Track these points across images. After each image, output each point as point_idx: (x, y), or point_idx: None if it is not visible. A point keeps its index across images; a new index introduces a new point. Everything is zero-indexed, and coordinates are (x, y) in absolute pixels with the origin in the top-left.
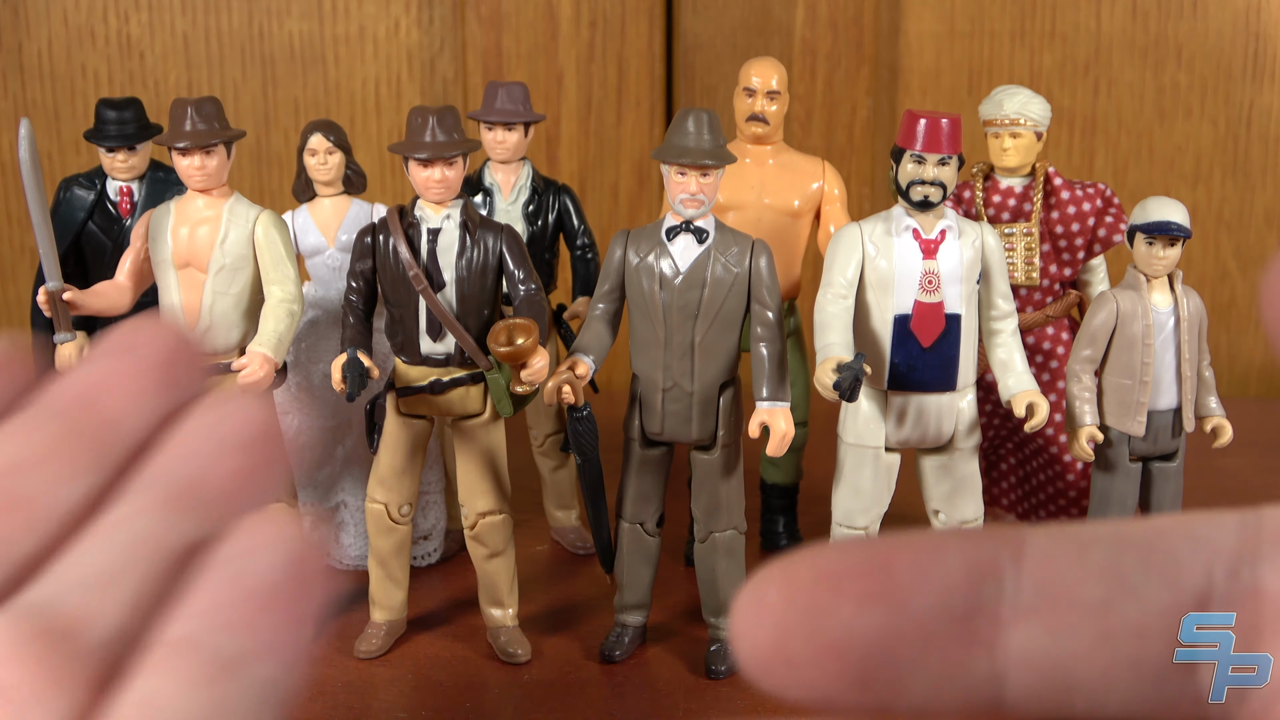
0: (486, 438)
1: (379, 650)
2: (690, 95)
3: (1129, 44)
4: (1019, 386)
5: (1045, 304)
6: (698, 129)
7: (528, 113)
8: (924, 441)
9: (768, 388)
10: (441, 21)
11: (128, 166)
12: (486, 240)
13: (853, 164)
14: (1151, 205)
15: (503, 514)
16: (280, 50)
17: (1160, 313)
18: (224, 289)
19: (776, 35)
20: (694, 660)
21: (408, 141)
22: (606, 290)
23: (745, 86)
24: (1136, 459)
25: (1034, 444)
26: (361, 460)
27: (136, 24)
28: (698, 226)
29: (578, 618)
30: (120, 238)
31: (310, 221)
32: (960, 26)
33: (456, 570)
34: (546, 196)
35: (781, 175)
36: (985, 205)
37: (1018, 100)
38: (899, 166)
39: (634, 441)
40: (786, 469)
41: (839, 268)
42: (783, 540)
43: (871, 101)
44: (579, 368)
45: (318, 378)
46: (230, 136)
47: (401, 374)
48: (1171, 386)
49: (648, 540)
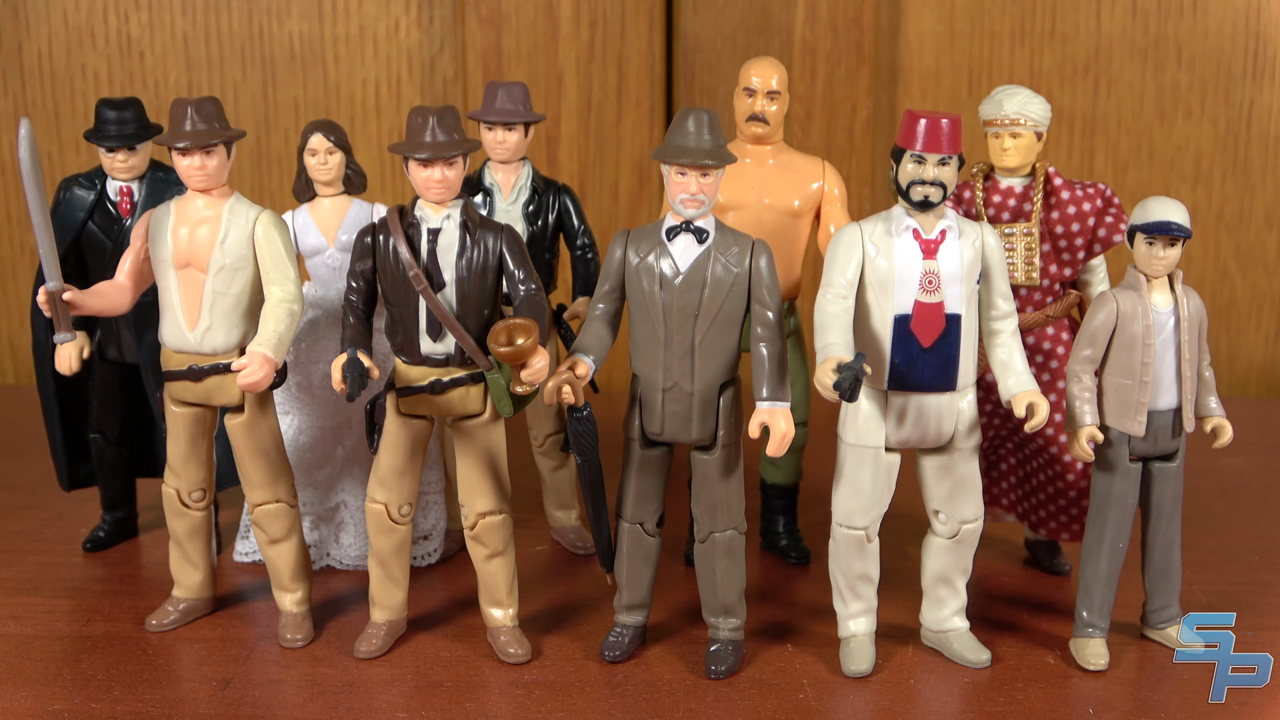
0: (486, 438)
1: (379, 650)
2: (690, 95)
3: (1129, 44)
4: (1019, 387)
5: (1045, 304)
6: (698, 129)
7: (528, 113)
8: (924, 441)
9: (768, 388)
10: (441, 21)
11: (128, 166)
12: (486, 240)
13: (853, 164)
14: (1151, 205)
15: (503, 514)
16: (280, 50)
17: (1160, 313)
18: (224, 289)
19: (776, 35)
20: (694, 660)
21: (408, 141)
22: (606, 290)
23: (745, 86)
24: (1136, 459)
25: (1034, 444)
26: (361, 460)
27: (136, 24)
28: (698, 226)
29: (578, 618)
30: (120, 238)
31: (310, 221)
32: (960, 26)
33: (456, 570)
34: (546, 196)
35: (781, 175)
36: (985, 205)
37: (1018, 100)
38: (899, 166)
39: (634, 441)
40: (786, 469)
41: (839, 268)
42: (783, 540)
43: (871, 101)
44: (579, 368)
45: (318, 378)
46: (230, 136)
47: (401, 374)
48: (1172, 387)
49: (648, 540)
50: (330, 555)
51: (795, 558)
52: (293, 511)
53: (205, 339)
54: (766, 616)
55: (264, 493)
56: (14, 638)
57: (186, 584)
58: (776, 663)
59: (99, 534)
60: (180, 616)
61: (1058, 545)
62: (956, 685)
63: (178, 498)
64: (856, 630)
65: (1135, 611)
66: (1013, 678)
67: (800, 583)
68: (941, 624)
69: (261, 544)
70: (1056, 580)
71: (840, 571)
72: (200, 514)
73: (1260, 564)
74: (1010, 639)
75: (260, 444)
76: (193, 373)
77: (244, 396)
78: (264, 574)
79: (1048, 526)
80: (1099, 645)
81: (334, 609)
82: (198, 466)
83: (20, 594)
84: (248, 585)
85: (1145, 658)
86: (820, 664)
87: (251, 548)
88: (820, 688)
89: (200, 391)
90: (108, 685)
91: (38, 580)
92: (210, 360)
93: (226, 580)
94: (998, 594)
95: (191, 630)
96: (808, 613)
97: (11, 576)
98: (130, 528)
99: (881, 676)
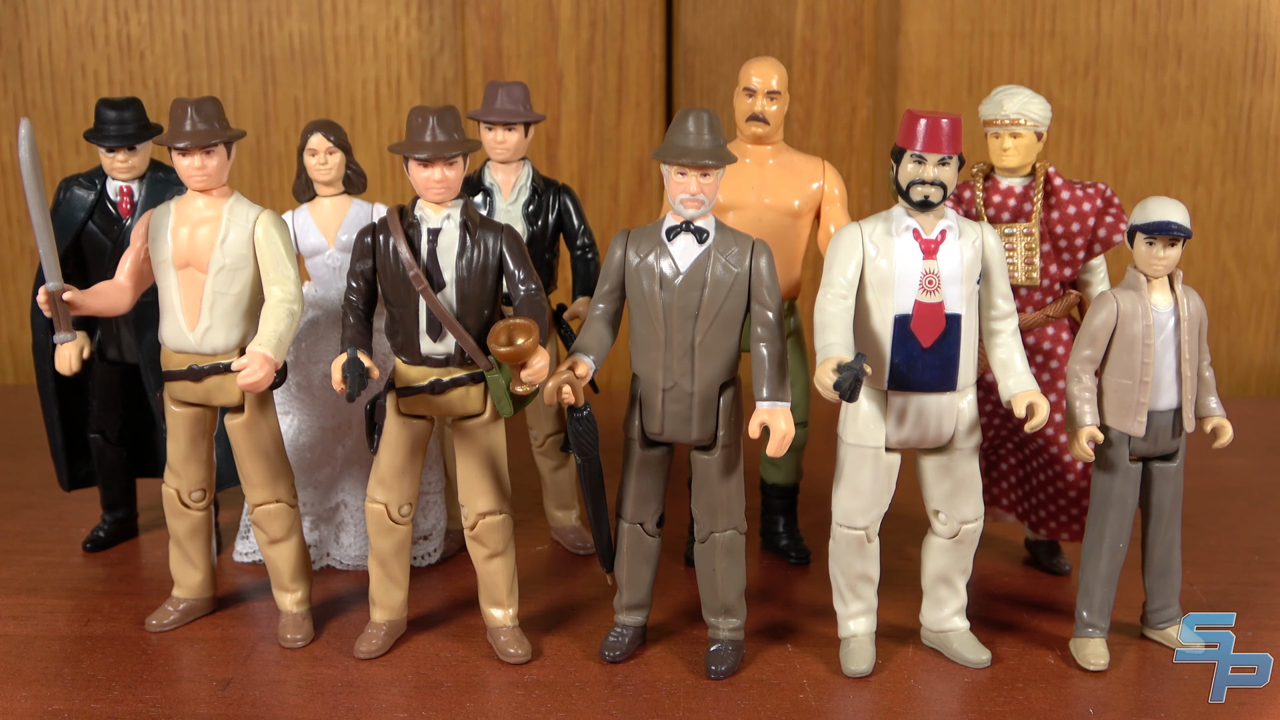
0: (486, 438)
1: (379, 650)
2: (690, 95)
3: (1129, 44)
4: (1019, 387)
5: (1045, 304)
6: (698, 129)
7: (528, 113)
8: (924, 441)
9: (768, 388)
10: (441, 21)
11: (128, 166)
12: (486, 240)
13: (853, 164)
14: (1151, 205)
15: (503, 514)
16: (280, 50)
17: (1160, 313)
18: (224, 289)
19: (776, 35)
20: (694, 660)
21: (408, 141)
22: (607, 290)
23: (745, 86)
24: (1136, 459)
25: (1034, 444)
26: (361, 460)
27: (136, 24)
28: (698, 226)
29: (578, 618)
30: (120, 238)
31: (310, 221)
32: (960, 26)
33: (456, 570)
34: (546, 196)
35: (781, 175)
36: (985, 205)
37: (1018, 100)
38: (899, 166)
39: (634, 442)
40: (786, 469)
41: (839, 268)
42: (783, 540)
43: (871, 101)
44: (579, 368)
45: (318, 378)
46: (230, 136)
47: (401, 374)
48: (1172, 387)
49: (648, 540)
50: (330, 555)
51: (795, 558)
52: (293, 511)
53: (205, 339)
54: (766, 616)
55: (264, 493)
56: (14, 638)
57: (186, 584)
58: (776, 663)
59: (99, 534)
60: (180, 616)
61: (1058, 545)
62: (956, 685)
63: (178, 498)
64: (856, 630)
65: (1135, 611)
66: (1013, 678)
67: (800, 583)
68: (941, 624)
69: (261, 544)
70: (1056, 580)
71: (840, 571)
72: (200, 514)
73: (1260, 564)
74: (1010, 639)
75: (260, 444)
76: (193, 373)
77: (244, 396)
78: (264, 574)
79: (1048, 526)
80: (1099, 645)
81: (334, 609)
82: (198, 466)
83: (20, 594)
84: (248, 585)
85: (1145, 658)
86: (820, 664)
87: (251, 548)
88: (820, 688)
89: (200, 391)
90: (108, 685)
91: (37, 580)
92: (210, 360)
93: (226, 580)
94: (998, 594)
95: (191, 630)
96: (808, 613)
97: (11, 576)
98: (130, 528)
99: (881, 676)
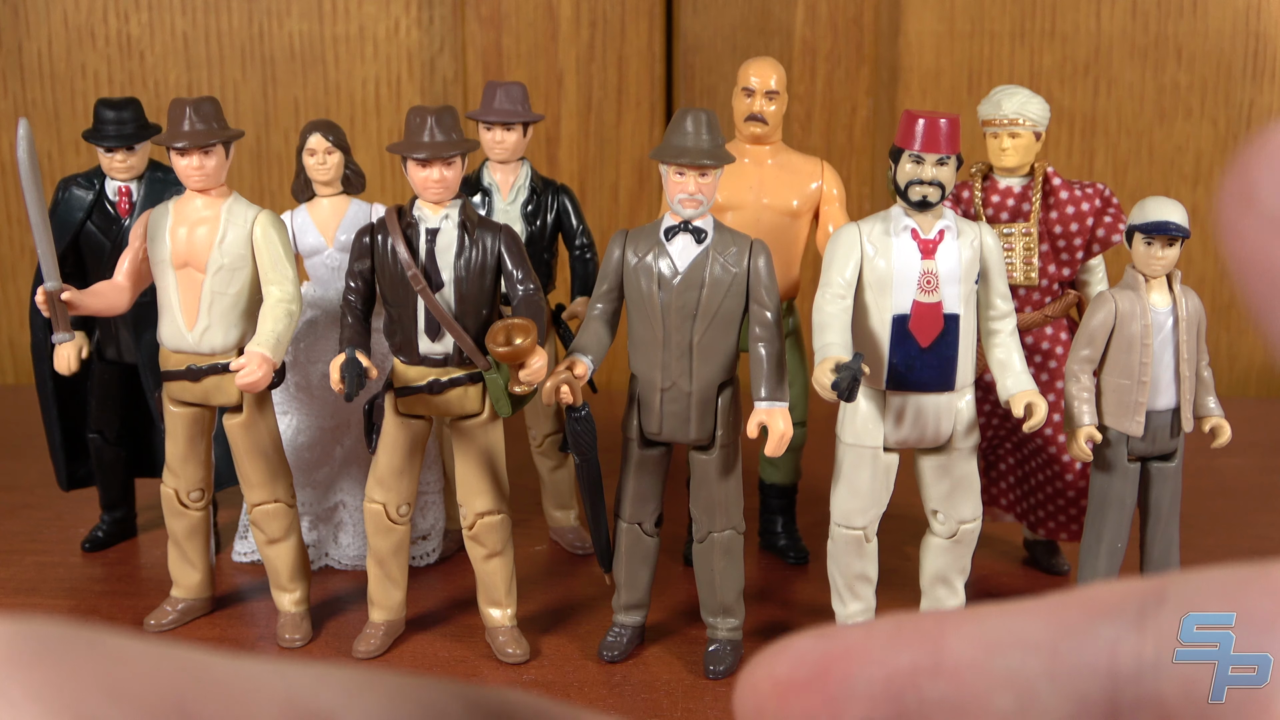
0: (485, 438)
1: (378, 650)
2: (690, 95)
3: (1129, 44)
4: (1017, 386)
5: (1044, 304)
6: (696, 129)
7: (526, 113)
8: (922, 441)
9: (766, 388)
10: (441, 21)
11: (126, 166)
12: (485, 240)
13: (853, 164)
14: (1150, 205)
15: (501, 514)
16: (280, 50)
17: (1159, 313)
18: (222, 289)
19: (776, 35)
20: (693, 660)
21: (406, 141)
22: (605, 290)
23: (744, 86)
24: (1135, 459)
25: (1033, 444)
26: (360, 460)
27: (136, 24)
28: (696, 226)
29: (577, 618)
30: (119, 237)
31: (309, 221)
32: (960, 26)
33: (455, 570)
34: (545, 196)
35: (780, 175)
36: (984, 205)
37: (1016, 100)
38: (897, 166)
39: (632, 442)
40: (785, 469)
41: (837, 268)
42: (781, 540)
43: (871, 101)
44: (577, 368)
45: (316, 378)
46: (228, 136)
47: (400, 374)
48: (1170, 386)
49: (646, 540)
50: (329, 555)
51: (794, 558)
52: (291, 511)
53: (203, 339)
54: (765, 616)
55: (262, 493)
56: None
57: (185, 584)
58: None
59: (98, 534)
60: (179, 616)
61: (1056, 545)
62: None
63: (176, 498)
64: None
65: None
66: None
67: (799, 583)
68: None
69: (260, 544)
70: (1055, 580)
71: (839, 571)
72: (199, 514)
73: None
74: None
75: (259, 444)
76: (191, 373)
77: (242, 396)
78: (263, 574)
79: (1046, 526)
80: None
81: (332, 609)
82: (196, 466)
83: (19, 594)
84: (246, 585)
85: None
86: None
87: (250, 548)
88: None
89: (198, 391)
90: None
91: (36, 580)
92: (208, 360)
93: (225, 580)
94: (996, 594)
95: (190, 630)
96: (806, 613)
97: (10, 576)
98: (129, 527)
99: None
